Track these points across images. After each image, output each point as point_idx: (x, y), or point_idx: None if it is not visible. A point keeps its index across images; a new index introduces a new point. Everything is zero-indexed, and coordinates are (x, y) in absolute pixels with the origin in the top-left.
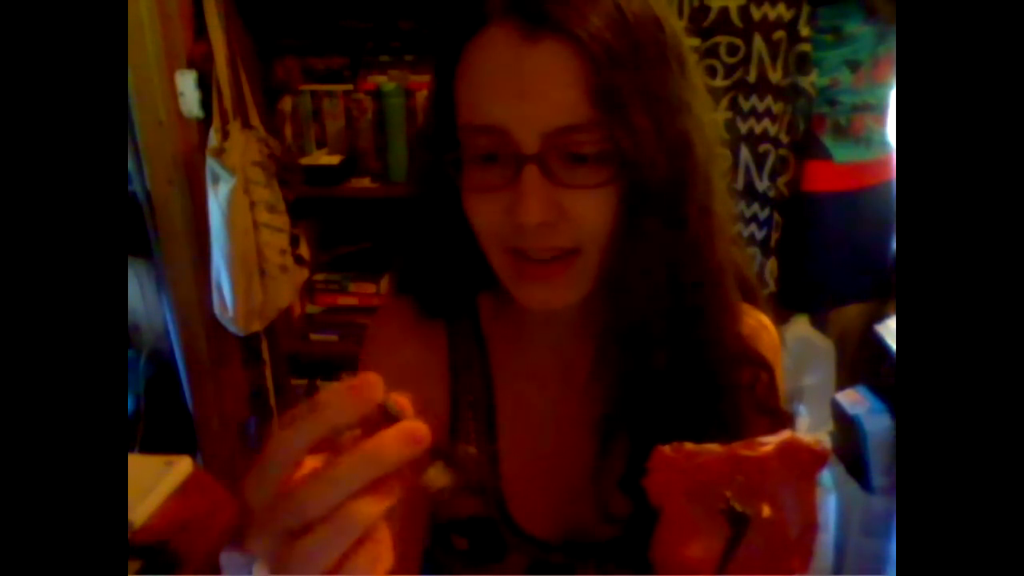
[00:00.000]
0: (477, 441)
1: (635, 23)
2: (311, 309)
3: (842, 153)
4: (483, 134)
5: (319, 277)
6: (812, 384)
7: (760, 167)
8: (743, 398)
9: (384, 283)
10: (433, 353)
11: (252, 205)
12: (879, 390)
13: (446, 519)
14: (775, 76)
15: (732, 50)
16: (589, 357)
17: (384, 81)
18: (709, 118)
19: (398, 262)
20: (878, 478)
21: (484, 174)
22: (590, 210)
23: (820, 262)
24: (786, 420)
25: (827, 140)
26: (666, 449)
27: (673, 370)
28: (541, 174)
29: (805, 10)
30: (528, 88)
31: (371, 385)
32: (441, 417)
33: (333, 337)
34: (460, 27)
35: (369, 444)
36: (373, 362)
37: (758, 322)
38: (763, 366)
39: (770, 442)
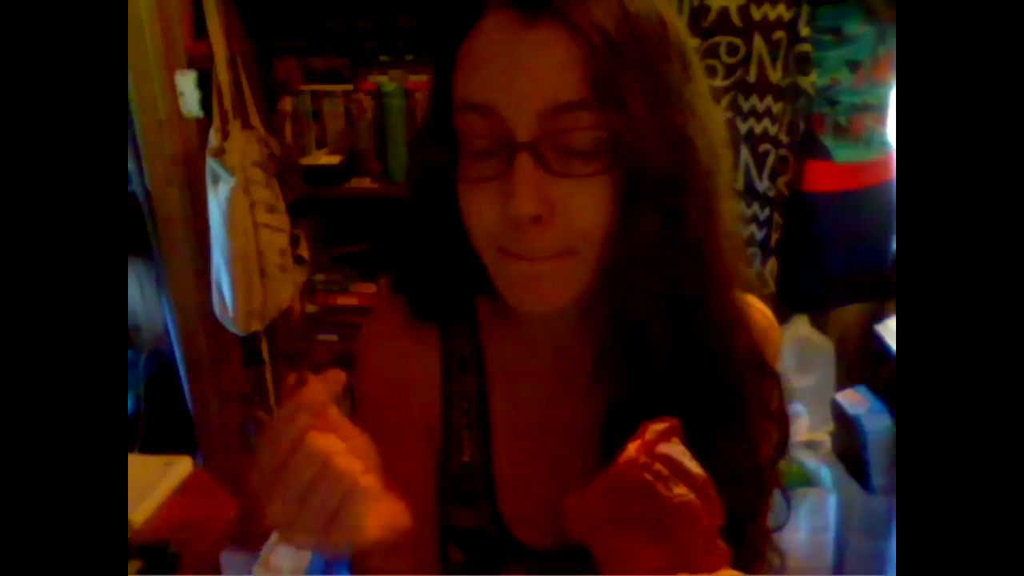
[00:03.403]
0: (471, 448)
1: (636, 17)
2: (311, 309)
3: (842, 153)
4: (475, 114)
5: (319, 277)
6: (812, 384)
7: (760, 167)
8: (752, 405)
9: (384, 283)
10: (425, 355)
11: (252, 205)
12: (879, 390)
13: (443, 528)
14: (775, 76)
15: (732, 50)
16: (589, 359)
17: (384, 81)
18: (715, 120)
19: (396, 261)
20: (878, 478)
21: (479, 165)
22: (584, 206)
23: (820, 262)
24: (788, 424)
25: (827, 140)
26: (570, 501)
27: (678, 376)
28: (534, 163)
29: (805, 10)
30: (522, 68)
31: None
32: (433, 423)
33: (333, 337)
34: (459, 17)
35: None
36: (366, 361)
37: (766, 319)
38: (772, 375)
39: (628, 445)
